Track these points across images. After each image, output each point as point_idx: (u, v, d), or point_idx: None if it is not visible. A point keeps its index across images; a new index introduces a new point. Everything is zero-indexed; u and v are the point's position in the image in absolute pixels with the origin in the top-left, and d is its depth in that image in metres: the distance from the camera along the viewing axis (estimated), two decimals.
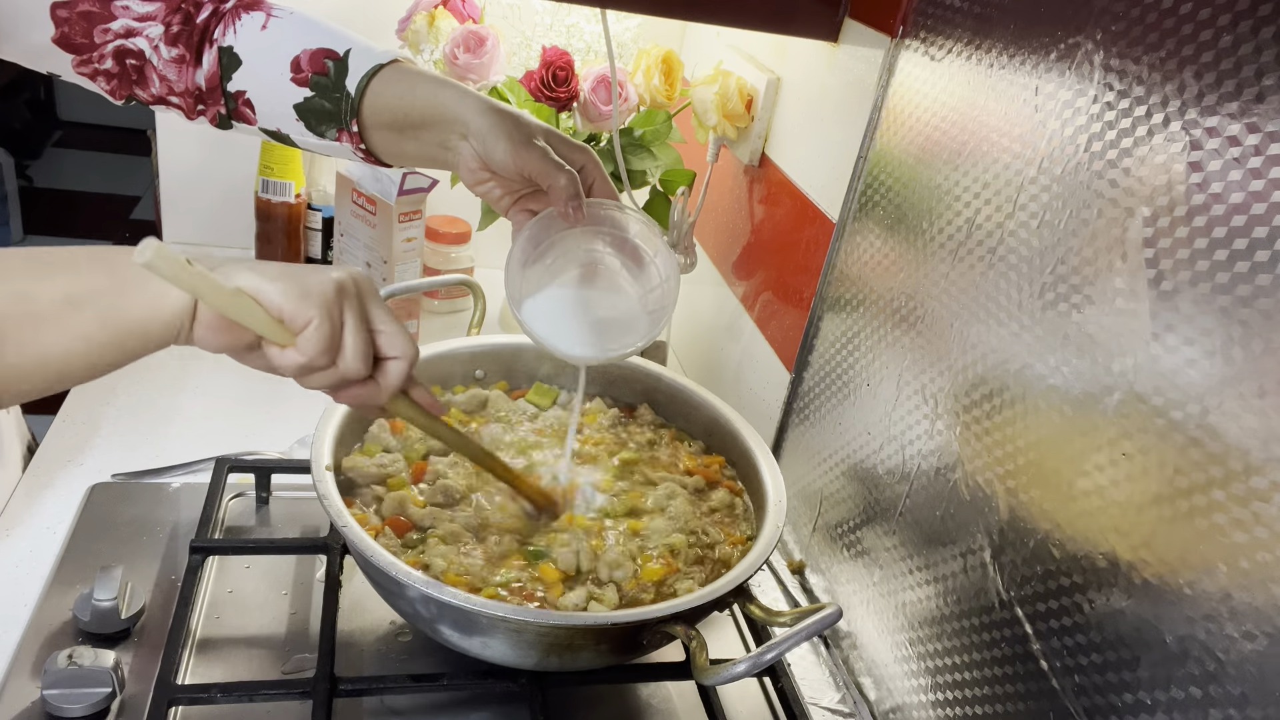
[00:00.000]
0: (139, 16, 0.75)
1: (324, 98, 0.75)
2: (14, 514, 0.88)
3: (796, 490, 0.97)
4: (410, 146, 0.76)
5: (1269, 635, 0.47)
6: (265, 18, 0.77)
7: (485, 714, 0.75)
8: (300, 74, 0.75)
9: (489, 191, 0.75)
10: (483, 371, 0.94)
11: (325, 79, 0.75)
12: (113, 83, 0.77)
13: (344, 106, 0.75)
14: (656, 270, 0.76)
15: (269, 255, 1.33)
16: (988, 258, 0.70)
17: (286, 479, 0.93)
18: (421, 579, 0.65)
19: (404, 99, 0.74)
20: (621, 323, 0.77)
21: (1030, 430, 0.65)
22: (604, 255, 0.77)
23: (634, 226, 0.76)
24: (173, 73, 0.77)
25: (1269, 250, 0.48)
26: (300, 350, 0.57)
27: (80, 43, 0.74)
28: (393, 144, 0.77)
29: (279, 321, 0.56)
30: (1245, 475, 0.48)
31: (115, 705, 0.69)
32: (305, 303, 0.56)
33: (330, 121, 0.76)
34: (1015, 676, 0.64)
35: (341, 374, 0.59)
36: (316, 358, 0.57)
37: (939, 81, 0.78)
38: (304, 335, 0.57)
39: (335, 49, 0.75)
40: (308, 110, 0.76)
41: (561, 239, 0.76)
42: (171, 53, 0.76)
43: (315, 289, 0.57)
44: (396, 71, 0.75)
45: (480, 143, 0.71)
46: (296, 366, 0.58)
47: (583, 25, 1.22)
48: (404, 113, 0.74)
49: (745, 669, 0.60)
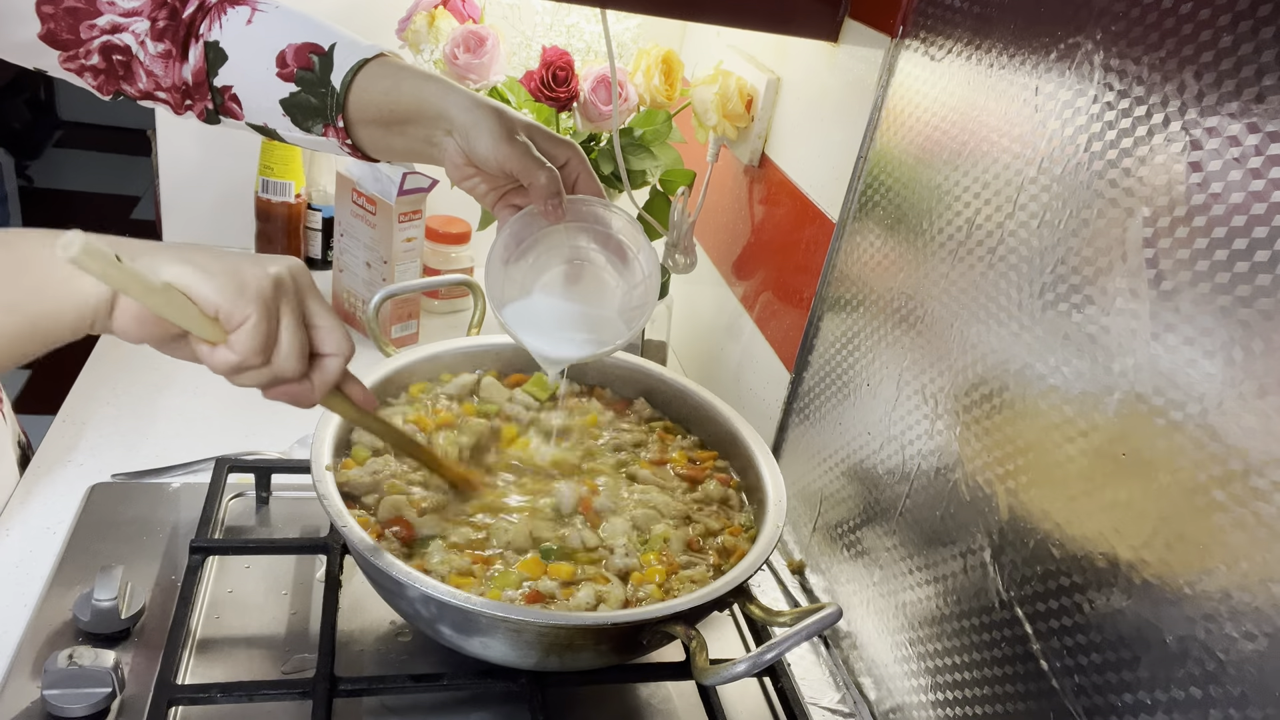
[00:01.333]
0: (124, 12, 0.75)
1: (310, 93, 0.75)
2: (14, 514, 0.88)
3: (796, 490, 0.97)
4: (397, 142, 0.76)
5: (1269, 635, 0.47)
6: (251, 12, 0.77)
7: (485, 714, 0.75)
8: (286, 69, 0.75)
9: (474, 187, 0.75)
10: (482, 371, 0.94)
11: (311, 74, 0.75)
12: (100, 78, 0.77)
13: (329, 102, 0.75)
14: (640, 266, 0.76)
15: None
16: (988, 258, 0.70)
17: (286, 479, 0.93)
18: (422, 579, 0.65)
19: (389, 94, 0.74)
20: (604, 320, 0.77)
21: (1030, 430, 0.65)
22: (588, 251, 0.77)
23: (617, 223, 0.76)
24: (159, 68, 0.77)
25: (1269, 250, 0.48)
26: (233, 348, 0.55)
27: (66, 39, 0.74)
28: (379, 139, 0.76)
29: (213, 319, 0.54)
30: (1245, 475, 0.48)
31: (115, 705, 0.69)
32: (241, 299, 0.53)
33: (316, 117, 0.76)
34: (1015, 676, 0.64)
35: (275, 373, 0.57)
36: (250, 356, 0.55)
37: (939, 81, 0.78)
38: (238, 333, 0.54)
39: (320, 43, 0.75)
40: (294, 106, 0.76)
41: (545, 235, 0.76)
42: (158, 48, 0.76)
43: (252, 284, 0.54)
44: (382, 66, 0.75)
45: (464, 138, 0.71)
46: (228, 365, 0.55)
47: (583, 25, 1.22)
48: (389, 109, 0.74)
49: (745, 669, 0.60)
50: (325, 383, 0.60)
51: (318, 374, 0.60)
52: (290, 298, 0.56)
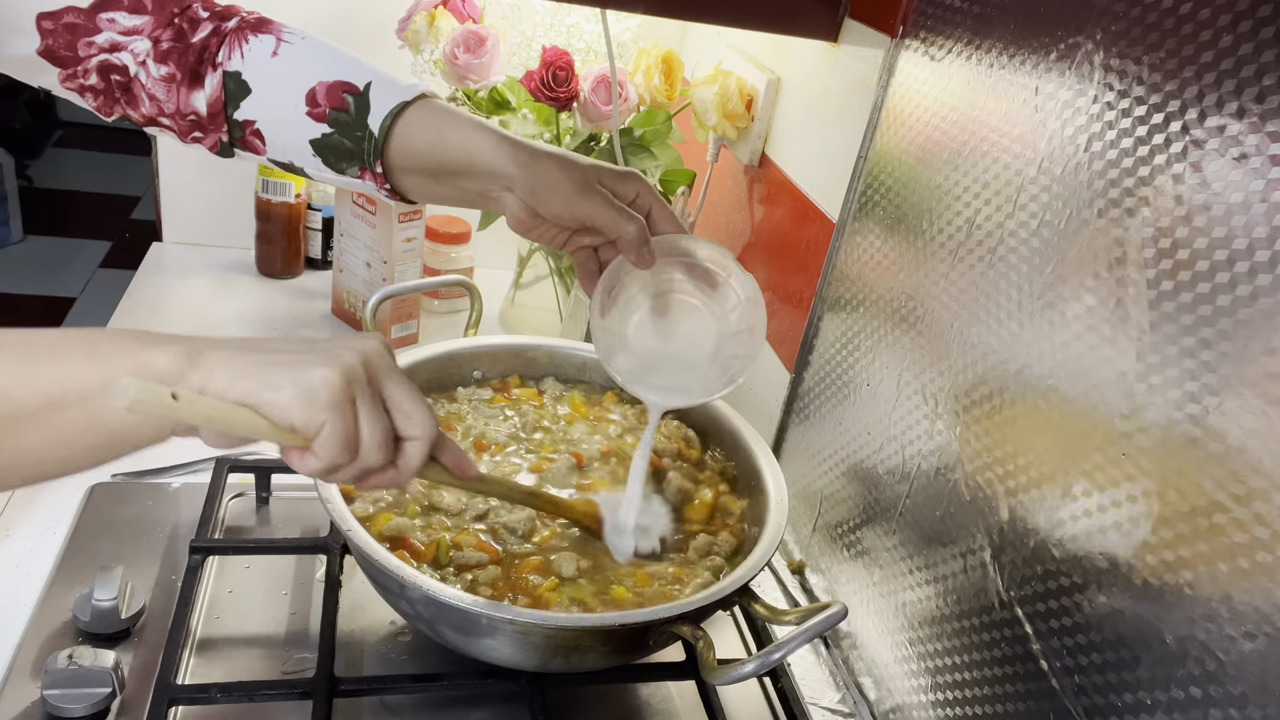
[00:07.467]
0: (124, 30, 0.71)
1: (344, 135, 0.71)
2: (14, 514, 0.88)
3: (796, 490, 0.97)
4: (445, 192, 0.72)
5: (1269, 635, 0.47)
6: (276, 42, 0.72)
7: (485, 714, 0.75)
8: (317, 108, 0.71)
9: (541, 235, 0.71)
10: (480, 372, 0.94)
11: (345, 115, 0.70)
12: (99, 99, 0.74)
13: (367, 147, 0.70)
14: (734, 291, 0.74)
15: (269, 255, 1.33)
16: (988, 258, 0.70)
17: (286, 479, 0.93)
18: (423, 579, 0.65)
19: (435, 145, 0.70)
20: (706, 358, 0.75)
21: (1030, 431, 0.65)
22: (676, 282, 0.74)
23: (702, 251, 0.73)
24: (161, 91, 0.73)
25: (1269, 250, 0.48)
26: (318, 456, 0.53)
27: (64, 55, 0.71)
28: (425, 188, 0.73)
29: (289, 430, 0.52)
30: (1245, 475, 0.48)
31: (115, 705, 0.69)
32: (314, 408, 0.51)
33: (352, 160, 0.72)
34: (1015, 676, 0.64)
35: (361, 468, 0.55)
36: (336, 459, 0.53)
37: (939, 81, 0.78)
38: (319, 441, 0.52)
39: (354, 82, 0.71)
40: (326, 147, 0.72)
41: (632, 276, 0.73)
42: (161, 70, 0.72)
43: (322, 390, 0.51)
44: (423, 110, 0.70)
45: (529, 195, 0.68)
46: (316, 472, 0.54)
47: (583, 25, 1.22)
48: (436, 160, 0.70)
49: (753, 668, 0.60)
50: (410, 467, 0.58)
51: (402, 459, 0.57)
52: (364, 389, 0.54)
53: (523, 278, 1.27)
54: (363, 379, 0.54)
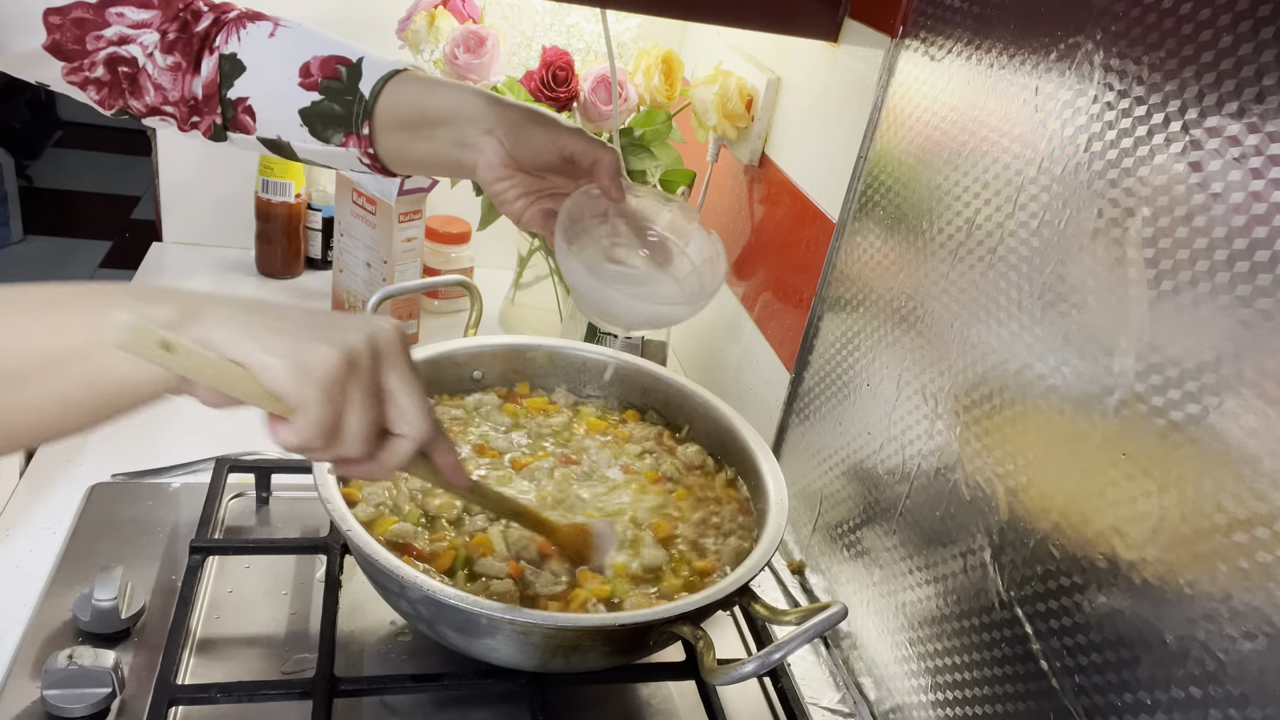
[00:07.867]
0: (133, 24, 0.74)
1: (334, 101, 0.74)
2: (14, 514, 0.88)
3: (796, 490, 0.97)
4: (422, 147, 0.75)
5: (1269, 635, 0.47)
6: (273, 26, 0.76)
7: (485, 714, 0.75)
8: (309, 79, 0.74)
9: (505, 191, 0.74)
10: (480, 373, 0.94)
11: (337, 83, 0.74)
12: (103, 91, 0.76)
13: (356, 109, 0.74)
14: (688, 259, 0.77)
15: (269, 255, 1.33)
16: (988, 258, 0.70)
17: (286, 479, 0.93)
18: (423, 579, 0.65)
19: (423, 97, 0.74)
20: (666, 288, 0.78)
21: (1030, 430, 0.65)
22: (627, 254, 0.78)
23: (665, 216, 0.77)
24: (168, 80, 0.75)
25: (1269, 250, 0.48)
26: (295, 433, 0.51)
27: (72, 49, 0.73)
28: (404, 144, 0.75)
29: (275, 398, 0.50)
30: (1245, 475, 0.48)
31: (115, 705, 0.69)
32: (304, 383, 0.50)
33: (338, 125, 0.75)
34: (1015, 676, 0.64)
35: (337, 455, 0.53)
36: (311, 441, 0.51)
37: (939, 81, 0.78)
38: (298, 418, 0.51)
39: (348, 56, 0.75)
40: (314, 115, 0.75)
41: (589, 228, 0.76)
42: (167, 60, 0.75)
43: (317, 366, 0.50)
44: (412, 76, 0.75)
45: (510, 134, 0.71)
46: (289, 446, 0.52)
47: (583, 25, 1.22)
48: (420, 110, 0.74)
49: (754, 668, 0.60)
50: (390, 465, 0.56)
51: (384, 453, 0.55)
52: (361, 376, 0.52)
53: (523, 278, 1.27)
54: (364, 365, 0.52)
